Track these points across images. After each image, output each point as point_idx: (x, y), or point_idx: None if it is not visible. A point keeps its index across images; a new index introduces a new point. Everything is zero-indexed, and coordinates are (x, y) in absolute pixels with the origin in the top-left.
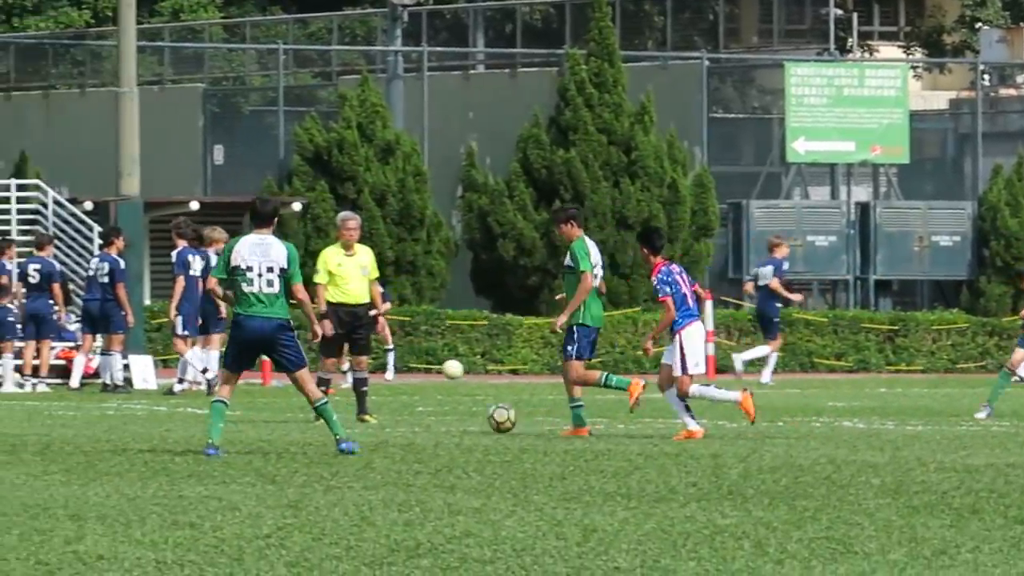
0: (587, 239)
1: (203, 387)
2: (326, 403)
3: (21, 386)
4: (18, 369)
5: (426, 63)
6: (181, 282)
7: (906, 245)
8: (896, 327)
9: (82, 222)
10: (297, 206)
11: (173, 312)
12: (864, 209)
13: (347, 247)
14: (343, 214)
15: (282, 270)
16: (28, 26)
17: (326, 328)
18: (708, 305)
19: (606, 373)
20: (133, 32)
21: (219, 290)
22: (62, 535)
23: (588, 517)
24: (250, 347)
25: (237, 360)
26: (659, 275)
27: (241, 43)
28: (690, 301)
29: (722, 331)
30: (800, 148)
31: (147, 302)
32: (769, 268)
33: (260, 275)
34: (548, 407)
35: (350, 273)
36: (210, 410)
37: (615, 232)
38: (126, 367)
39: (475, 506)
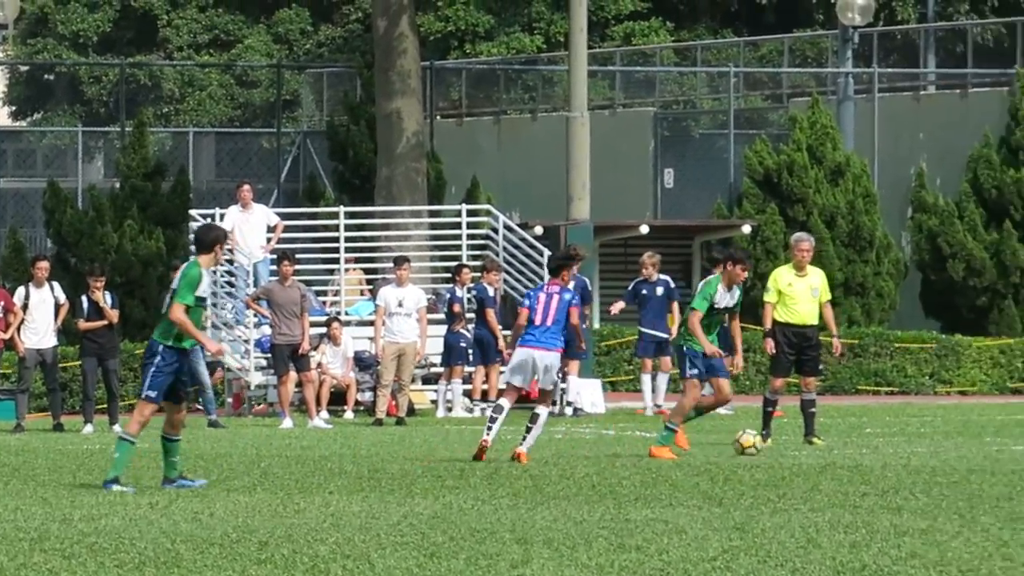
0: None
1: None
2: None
3: (470, 411)
4: (467, 394)
5: (876, 84)
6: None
7: None
8: None
9: (532, 247)
10: (747, 228)
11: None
12: None
13: (799, 268)
14: (797, 235)
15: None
16: (480, 52)
17: (768, 346)
18: None
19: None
20: (584, 57)
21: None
22: (508, 559)
23: None
24: None
25: None
26: (532, 288)
27: (692, 66)
28: (539, 321)
29: None
30: None
31: (596, 326)
32: None
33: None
34: (996, 427)
35: (800, 294)
36: None
37: None
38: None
39: (921, 527)
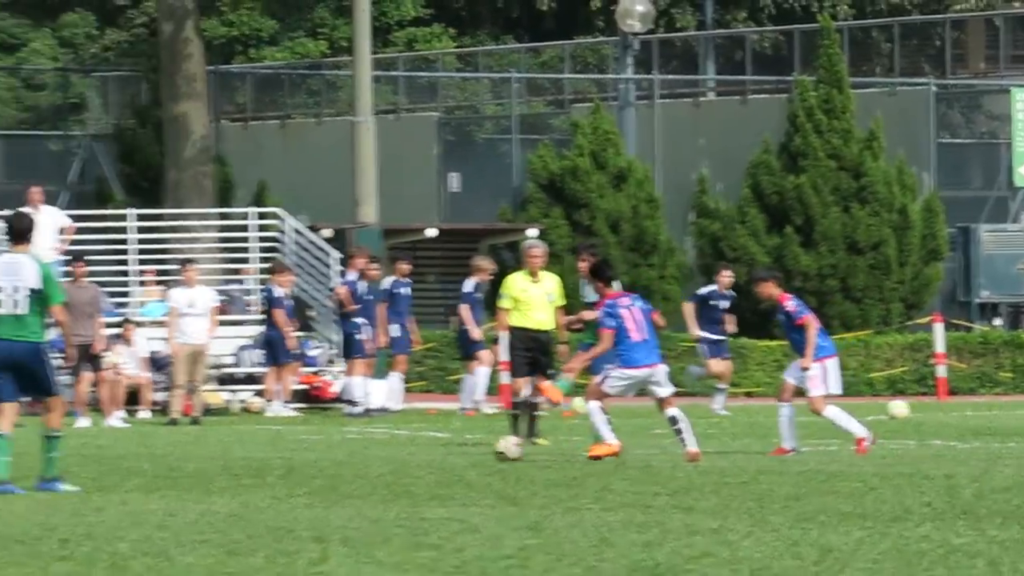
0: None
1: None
2: (59, 437)
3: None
4: (259, 394)
5: (657, 90)
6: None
7: None
8: None
9: (321, 249)
10: (533, 232)
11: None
12: None
13: (532, 274)
14: (528, 242)
15: (32, 291)
16: (265, 57)
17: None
18: (939, 328)
19: None
20: (368, 62)
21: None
22: (306, 557)
23: (824, 537)
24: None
25: None
26: (604, 307)
27: (475, 72)
28: (634, 335)
29: (953, 354)
30: None
31: None
32: None
33: (9, 295)
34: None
35: (535, 299)
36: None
37: (846, 257)
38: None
39: (712, 527)
